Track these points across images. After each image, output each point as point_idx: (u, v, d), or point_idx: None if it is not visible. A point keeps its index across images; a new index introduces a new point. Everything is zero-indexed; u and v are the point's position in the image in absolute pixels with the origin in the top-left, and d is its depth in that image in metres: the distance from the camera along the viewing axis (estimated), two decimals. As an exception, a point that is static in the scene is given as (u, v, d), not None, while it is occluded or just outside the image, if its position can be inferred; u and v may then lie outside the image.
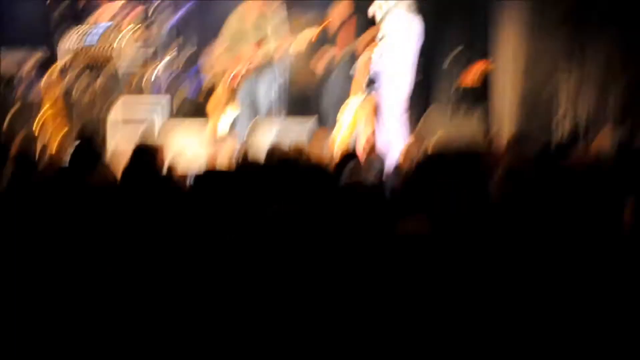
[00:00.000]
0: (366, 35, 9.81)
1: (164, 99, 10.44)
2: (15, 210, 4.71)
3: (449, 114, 10.49)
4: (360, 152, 8.15)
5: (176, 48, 11.23)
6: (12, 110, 9.60)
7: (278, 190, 5.30)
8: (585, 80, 10.29)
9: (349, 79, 10.25)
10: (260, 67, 9.60)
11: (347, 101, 10.12)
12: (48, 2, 10.71)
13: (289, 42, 9.75)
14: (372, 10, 9.18)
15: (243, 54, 9.59)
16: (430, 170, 5.77)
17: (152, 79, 11.07)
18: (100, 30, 10.37)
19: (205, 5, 11.91)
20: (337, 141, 9.89)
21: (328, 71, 10.56)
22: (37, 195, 5.06)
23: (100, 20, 10.68)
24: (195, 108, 11.00)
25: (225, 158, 9.33)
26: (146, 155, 7.02)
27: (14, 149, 6.87)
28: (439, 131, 9.74)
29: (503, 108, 10.38)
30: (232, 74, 9.63)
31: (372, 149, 8.52)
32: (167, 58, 11.16)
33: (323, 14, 10.93)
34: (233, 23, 9.65)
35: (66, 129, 9.61)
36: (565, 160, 6.53)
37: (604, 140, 7.76)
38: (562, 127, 10.27)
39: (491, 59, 10.82)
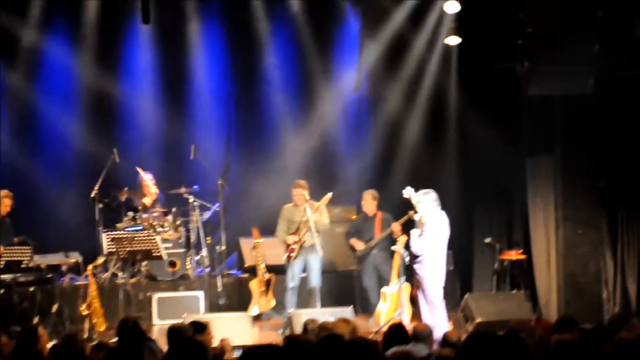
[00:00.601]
0: (400, 221, 10.28)
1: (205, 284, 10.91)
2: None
3: (492, 295, 10.51)
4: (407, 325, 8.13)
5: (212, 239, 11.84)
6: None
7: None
8: (627, 259, 10.40)
9: (386, 262, 10.56)
10: (306, 250, 10.28)
11: (388, 285, 10.24)
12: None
13: (330, 228, 10.46)
14: (405, 194, 9.53)
15: (293, 238, 10.36)
16: (479, 346, 5.75)
17: (194, 265, 11.43)
18: (140, 226, 11.01)
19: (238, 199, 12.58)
20: (382, 316, 9.96)
21: (365, 255, 10.84)
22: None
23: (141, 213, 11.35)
24: (238, 286, 11.40)
25: (271, 336, 9.44)
26: (195, 331, 7.06)
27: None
28: (483, 310, 9.74)
29: (546, 290, 10.43)
30: (288, 249, 10.41)
31: (418, 323, 8.45)
32: (206, 246, 11.67)
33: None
34: (287, 213, 10.55)
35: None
36: (615, 339, 6.41)
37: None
38: (610, 304, 10.32)
39: (523, 247, 11.04)
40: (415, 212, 9.33)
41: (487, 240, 11.21)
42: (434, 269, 9.06)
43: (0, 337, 6.60)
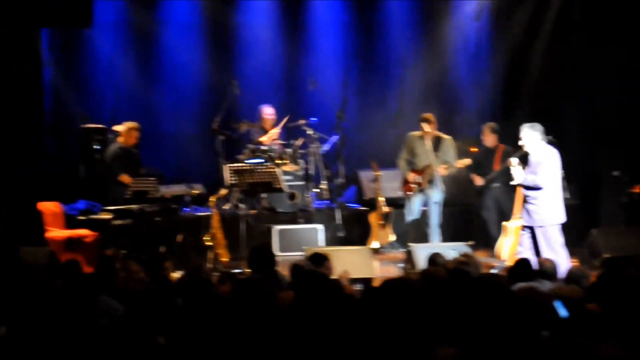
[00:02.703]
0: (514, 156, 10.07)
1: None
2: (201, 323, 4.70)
3: (620, 230, 10.18)
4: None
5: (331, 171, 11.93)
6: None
7: (455, 297, 5.20)
8: None
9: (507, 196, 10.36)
10: (428, 183, 10.21)
11: (508, 219, 10.05)
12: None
13: (453, 165, 10.26)
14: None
15: (414, 177, 10.28)
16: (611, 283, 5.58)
17: (313, 197, 11.50)
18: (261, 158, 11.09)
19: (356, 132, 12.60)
20: (503, 251, 9.79)
21: (485, 189, 10.73)
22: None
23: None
24: (356, 219, 11.40)
25: (390, 269, 9.43)
26: (315, 264, 7.09)
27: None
28: (611, 245, 9.47)
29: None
30: (406, 186, 10.37)
31: (542, 258, 8.24)
32: (325, 179, 11.72)
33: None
34: (412, 143, 10.35)
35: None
36: None
37: None
38: None
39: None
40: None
41: (616, 173, 10.83)
42: (552, 204, 8.72)
43: (131, 264, 6.77)
